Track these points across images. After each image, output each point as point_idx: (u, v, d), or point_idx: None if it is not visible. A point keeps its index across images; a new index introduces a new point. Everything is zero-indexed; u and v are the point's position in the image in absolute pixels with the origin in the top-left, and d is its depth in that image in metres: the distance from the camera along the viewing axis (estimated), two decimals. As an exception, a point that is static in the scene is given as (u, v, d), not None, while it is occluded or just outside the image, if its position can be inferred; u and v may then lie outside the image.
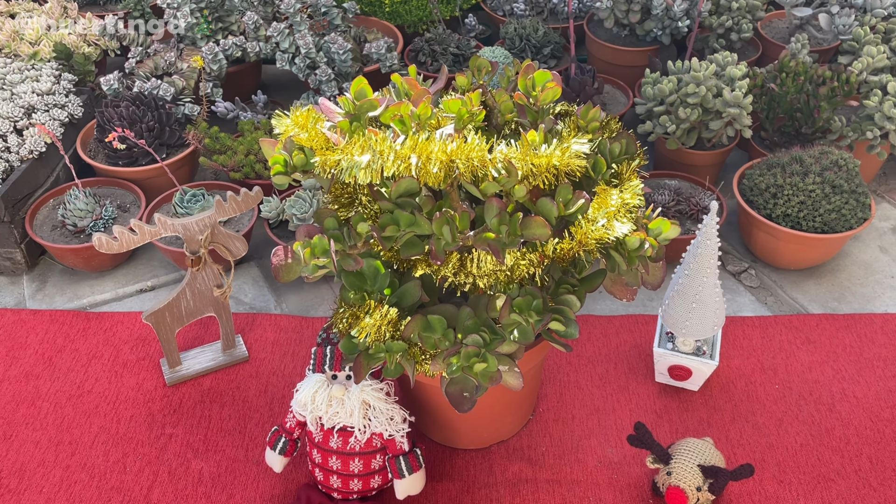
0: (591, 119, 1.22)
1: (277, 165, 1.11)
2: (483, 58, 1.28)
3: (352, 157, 1.05)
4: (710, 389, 1.69)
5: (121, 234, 1.46)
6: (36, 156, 1.94)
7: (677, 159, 2.09)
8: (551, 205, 1.09)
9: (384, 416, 1.37)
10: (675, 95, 1.98)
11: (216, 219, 1.54)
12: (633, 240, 1.10)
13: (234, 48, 2.22)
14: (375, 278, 1.15)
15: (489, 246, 1.06)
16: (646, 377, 1.72)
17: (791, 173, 1.84)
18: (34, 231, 1.89)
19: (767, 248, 1.92)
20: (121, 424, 1.62)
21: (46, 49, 2.25)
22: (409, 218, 1.05)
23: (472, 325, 1.11)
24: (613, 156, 1.21)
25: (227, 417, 1.64)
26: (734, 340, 1.80)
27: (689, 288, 1.53)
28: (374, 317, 1.12)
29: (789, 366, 1.74)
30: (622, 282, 1.20)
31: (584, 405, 1.66)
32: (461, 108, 1.14)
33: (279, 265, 1.11)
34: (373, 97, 1.14)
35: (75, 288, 1.93)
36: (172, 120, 2.05)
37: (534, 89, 1.19)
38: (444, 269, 1.10)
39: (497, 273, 1.11)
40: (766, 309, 1.89)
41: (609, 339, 1.81)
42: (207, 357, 1.74)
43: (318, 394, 1.36)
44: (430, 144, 1.04)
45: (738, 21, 2.29)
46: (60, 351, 1.77)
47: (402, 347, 1.12)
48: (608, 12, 2.30)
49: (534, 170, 1.08)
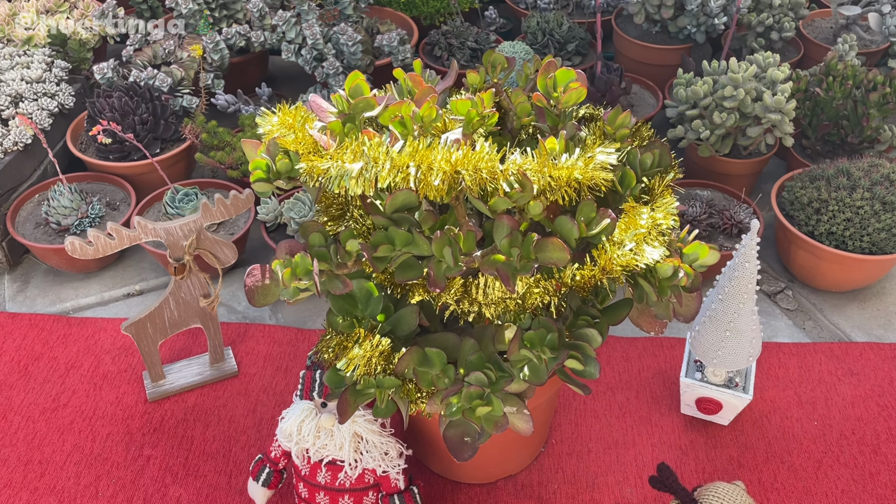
0: (620, 125, 1.07)
1: (258, 171, 0.96)
2: (499, 53, 1.12)
3: (342, 165, 0.91)
4: (741, 424, 1.53)
5: (96, 238, 1.33)
6: (21, 147, 1.82)
7: (710, 168, 1.93)
8: (571, 224, 0.94)
9: (378, 450, 1.22)
10: (710, 98, 1.81)
11: (202, 223, 1.40)
12: (666, 267, 0.95)
13: (238, 37, 2.09)
14: (368, 302, 1.01)
15: (497, 271, 0.91)
16: (670, 408, 1.56)
17: (837, 187, 1.67)
18: (16, 228, 1.77)
19: (807, 268, 1.76)
20: (96, 443, 1.49)
21: (41, 34, 2.12)
22: (406, 236, 0.91)
23: (477, 360, 0.96)
24: (644, 168, 1.06)
25: (210, 439, 1.50)
26: (769, 370, 1.64)
27: (723, 314, 1.37)
28: (363, 347, 0.97)
29: (830, 400, 1.58)
30: (651, 313, 1.04)
31: (601, 437, 1.51)
32: (471, 110, 0.99)
33: (254, 287, 0.97)
34: (370, 95, 0.99)
35: (58, 290, 1.81)
36: (168, 112, 1.92)
37: (555, 90, 1.04)
38: (445, 296, 0.95)
39: (506, 301, 0.96)
40: (804, 335, 1.72)
41: (631, 363, 1.66)
42: (193, 371, 1.60)
43: (305, 423, 1.22)
44: (431, 152, 0.90)
45: (780, 19, 2.12)
46: (38, 359, 1.65)
47: (394, 384, 0.97)
48: (639, 7, 2.14)
49: (552, 183, 0.93)
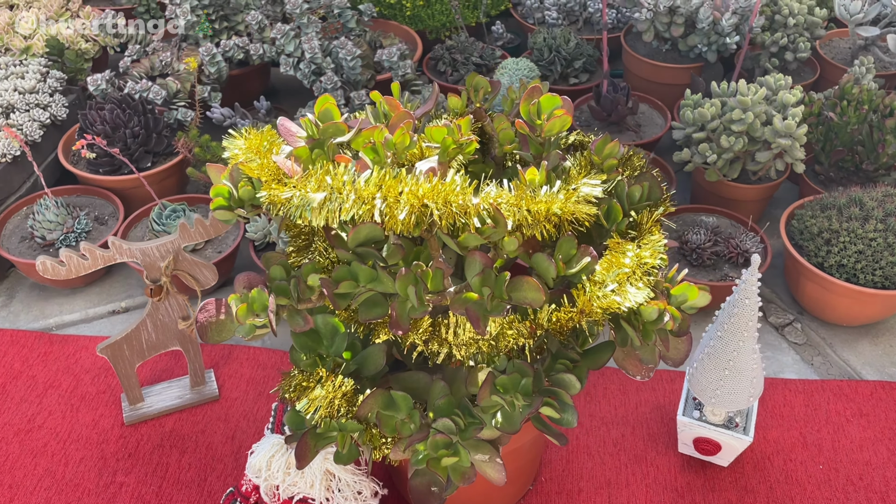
0: (608, 155, 1.00)
1: (220, 198, 0.91)
2: (483, 78, 1.07)
3: (305, 194, 0.85)
4: (741, 466, 1.45)
5: (69, 258, 1.29)
6: (9, 159, 1.78)
7: (717, 193, 1.86)
8: (549, 263, 0.88)
9: (350, 489, 1.17)
10: (718, 121, 1.74)
11: (180, 244, 1.35)
12: (651, 310, 0.88)
13: (236, 49, 2.05)
14: (333, 339, 0.95)
15: (467, 311, 0.85)
16: (667, 447, 1.49)
17: (849, 217, 1.59)
18: (1, 242, 1.73)
19: (817, 301, 1.68)
20: (69, 468, 1.45)
21: (39, 44, 2.10)
22: (370, 272, 0.85)
23: (445, 405, 0.90)
24: (632, 201, 0.99)
25: (186, 466, 1.45)
26: (773, 407, 1.56)
27: (722, 352, 1.30)
28: (325, 388, 0.91)
29: (837, 442, 1.49)
30: (636, 356, 0.98)
31: (593, 476, 1.44)
32: (446, 138, 0.93)
33: (207, 323, 0.91)
34: (340, 120, 0.94)
35: (43, 306, 1.77)
36: (161, 126, 1.88)
37: (539, 117, 0.98)
38: (412, 336, 0.89)
39: (478, 343, 0.90)
40: (812, 371, 1.64)
41: (628, 396, 1.58)
42: (173, 394, 1.55)
43: (276, 459, 1.17)
44: (398, 183, 0.84)
45: (795, 39, 2.04)
46: (16, 377, 1.61)
47: (357, 428, 0.91)
48: (648, 24, 2.07)
49: (529, 218, 0.87)
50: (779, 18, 2.03)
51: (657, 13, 2.04)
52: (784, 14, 2.03)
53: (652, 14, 2.05)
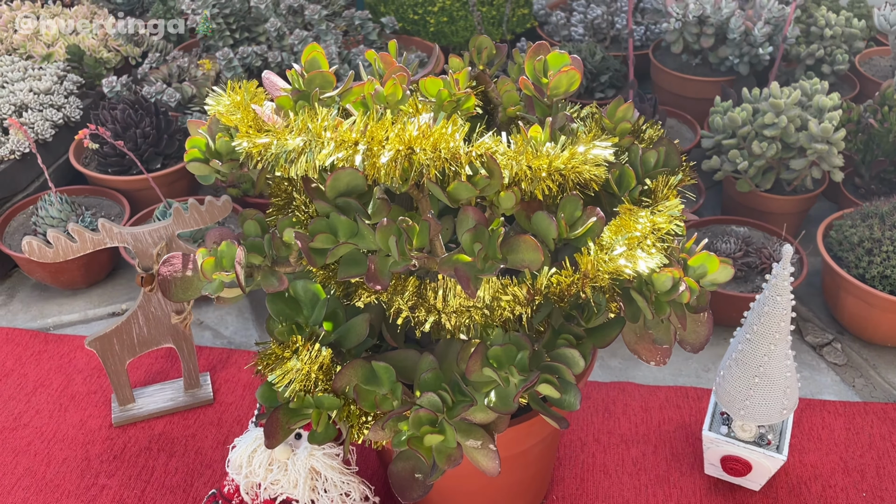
0: (621, 118, 0.92)
1: (195, 150, 0.85)
2: (485, 37, 1.00)
3: (283, 142, 0.78)
4: (774, 491, 1.32)
5: (56, 239, 1.23)
6: (18, 157, 1.75)
7: (749, 204, 1.75)
8: (549, 221, 0.79)
9: (337, 490, 1.06)
10: (749, 127, 1.65)
11: (174, 230, 1.29)
12: (664, 278, 0.78)
13: (254, 56, 2.02)
14: (313, 307, 0.87)
15: (455, 271, 0.76)
16: (692, 468, 1.36)
17: (892, 225, 1.48)
18: (4, 239, 1.69)
19: (858, 318, 1.55)
20: (50, 468, 1.36)
21: (61, 51, 2.10)
22: (350, 225, 0.77)
23: (432, 378, 0.80)
24: (647, 168, 0.90)
25: (172, 471, 1.36)
26: (810, 430, 1.42)
27: (752, 357, 1.18)
28: (301, 358, 0.83)
29: (882, 469, 1.35)
30: (649, 338, 0.87)
31: (609, 497, 1.32)
32: (442, 90, 0.86)
33: (171, 278, 0.83)
34: (328, 70, 0.87)
35: (42, 306, 1.72)
36: (173, 128, 1.84)
37: (545, 75, 0.90)
38: (397, 300, 0.80)
39: (470, 311, 0.80)
40: (853, 393, 1.51)
41: (651, 414, 1.46)
42: (166, 396, 1.48)
43: (257, 454, 1.07)
44: (383, 127, 0.76)
45: (832, 51, 1.95)
46: (7, 375, 1.54)
47: (335, 404, 0.82)
48: (677, 35, 2.00)
49: (530, 174, 0.79)
50: (815, 29, 1.95)
51: (686, 23, 1.97)
52: (820, 25, 1.94)
53: (681, 24, 1.97)
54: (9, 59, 2.02)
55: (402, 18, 2.37)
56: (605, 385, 1.52)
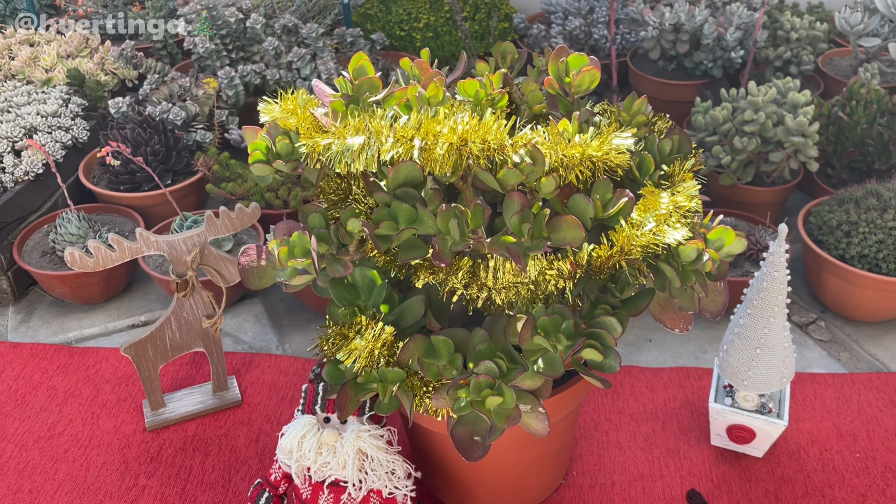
0: (636, 112, 1.02)
1: (257, 152, 0.92)
2: (508, 43, 1.10)
3: (344, 141, 0.86)
4: (776, 456, 1.42)
5: (97, 249, 1.29)
6: (31, 178, 1.80)
7: (732, 197, 1.87)
8: (586, 202, 0.88)
9: (383, 469, 1.14)
10: (729, 124, 1.77)
11: (206, 237, 1.36)
12: (689, 249, 0.88)
13: (253, 75, 2.10)
14: (370, 291, 0.95)
15: (508, 250, 0.85)
16: (699, 439, 1.46)
17: (867, 208, 1.60)
18: (22, 257, 1.74)
19: (840, 296, 1.67)
20: (90, 472, 1.41)
21: (60, 76, 2.15)
22: (410, 212, 0.85)
23: (486, 349, 0.89)
24: (663, 155, 1.01)
25: (210, 469, 1.42)
26: (804, 400, 1.54)
27: (753, 331, 1.29)
28: (365, 337, 0.91)
29: (871, 431, 1.47)
30: (674, 307, 0.97)
31: (626, 470, 1.41)
32: (479, 91, 0.95)
33: (249, 267, 0.91)
34: (374, 76, 0.96)
35: (62, 321, 1.76)
36: (181, 145, 1.91)
37: (567, 74, 1.00)
38: (452, 279, 0.89)
39: (518, 287, 0.89)
40: (840, 366, 1.62)
41: (656, 394, 1.56)
42: (195, 399, 1.53)
43: (307, 439, 1.14)
44: (437, 124, 0.85)
45: (798, 53, 2.09)
46: (36, 388, 1.59)
47: (398, 376, 0.90)
48: (654, 42, 2.13)
49: (565, 161, 0.88)
50: (782, 33, 2.09)
51: (663, 31, 2.10)
52: (786, 29, 2.08)
53: (658, 32, 2.10)
54: (11, 84, 2.07)
55: (390, 35, 2.47)
56: (611, 369, 1.61)
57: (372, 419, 1.17)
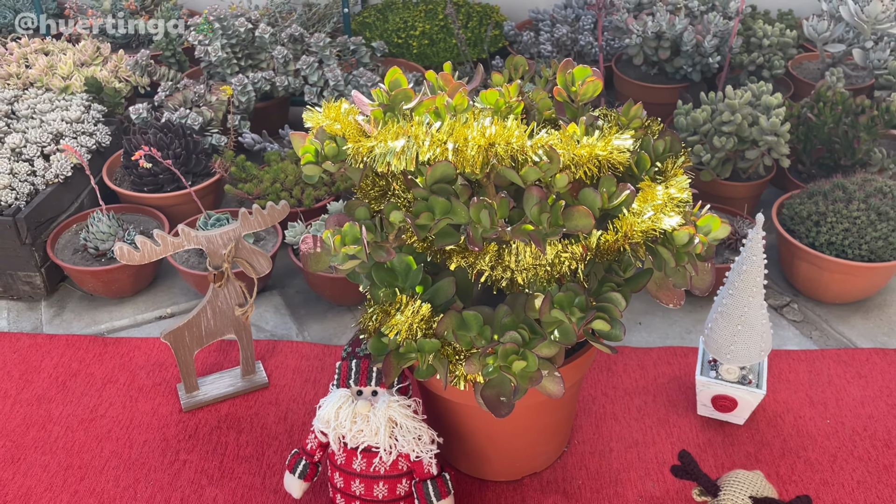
0: (633, 116, 1.17)
1: (308, 155, 1.06)
2: (520, 56, 1.24)
3: (386, 144, 1.01)
4: (756, 423, 1.59)
5: (143, 244, 1.42)
6: (61, 180, 1.92)
7: (712, 192, 2.04)
8: (595, 195, 1.03)
9: (411, 434, 1.28)
10: (709, 125, 1.94)
11: (241, 232, 1.49)
12: (682, 234, 1.04)
13: (263, 82, 2.23)
14: (407, 274, 1.09)
15: (529, 236, 1.00)
16: (687, 410, 1.62)
17: (834, 200, 1.77)
18: (55, 254, 1.86)
19: (811, 280, 1.84)
20: (133, 449, 1.54)
21: (77, 83, 2.26)
22: (445, 204, 1.00)
23: (510, 322, 1.04)
24: (657, 153, 1.16)
25: (244, 444, 1.55)
26: (779, 374, 1.70)
27: (734, 309, 1.45)
28: (405, 314, 1.05)
29: (840, 401, 1.63)
30: (668, 284, 1.12)
31: (621, 437, 1.56)
32: (499, 99, 1.10)
33: (308, 253, 1.05)
34: (408, 87, 1.10)
35: (93, 314, 1.88)
36: (199, 149, 2.03)
37: (573, 84, 1.15)
38: (480, 263, 1.04)
39: (536, 268, 1.04)
40: (811, 343, 1.79)
41: (647, 370, 1.72)
42: (226, 382, 1.67)
43: (343, 409, 1.28)
44: (467, 128, 1.00)
45: (770, 58, 2.26)
46: (75, 375, 1.71)
47: (435, 346, 1.04)
48: (637, 48, 2.29)
49: (575, 159, 1.03)
50: (754, 40, 2.26)
51: (646, 38, 2.26)
52: (759, 36, 2.25)
53: (641, 39, 2.26)
54: (32, 91, 2.18)
55: (388, 42, 2.61)
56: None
57: (399, 391, 1.31)
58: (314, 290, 1.90)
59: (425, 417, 1.32)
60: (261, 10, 2.48)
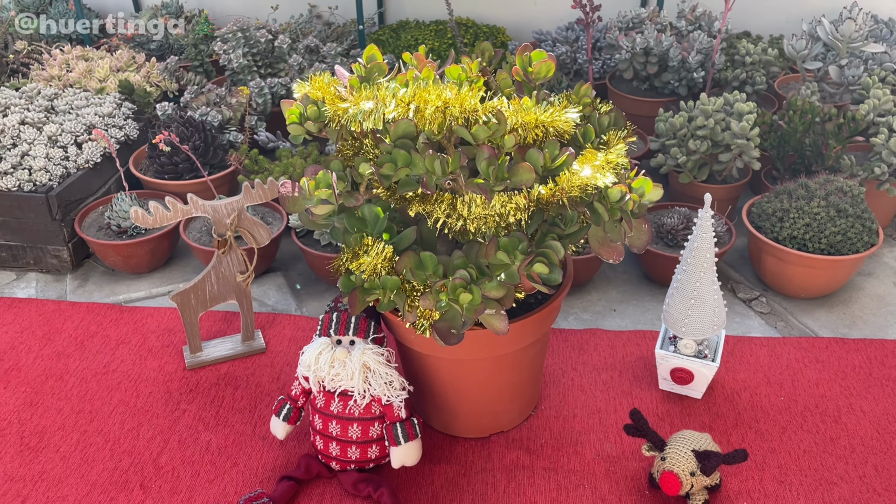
0: (583, 95, 1.33)
1: (292, 116, 1.23)
2: (486, 42, 1.41)
3: (358, 106, 1.17)
4: (713, 398, 1.70)
5: (156, 209, 1.60)
6: (91, 165, 2.12)
7: (690, 193, 2.17)
8: (538, 154, 1.18)
9: (383, 379, 1.42)
10: (686, 129, 2.08)
11: (243, 204, 1.66)
12: (615, 191, 1.18)
13: (279, 86, 2.42)
14: (375, 223, 1.25)
15: (479, 188, 1.15)
16: (650, 385, 1.74)
17: (797, 198, 1.90)
18: (81, 230, 2.05)
19: (776, 274, 1.96)
20: (139, 399, 1.70)
21: (112, 85, 2.49)
22: (406, 157, 1.16)
23: (461, 262, 1.19)
24: (602, 127, 1.31)
25: (239, 398, 1.70)
26: (741, 357, 1.81)
27: (688, 283, 1.58)
28: (371, 254, 1.20)
29: (796, 381, 1.74)
30: (607, 240, 1.26)
31: (586, 405, 1.69)
32: (461, 74, 1.26)
33: (287, 196, 1.21)
34: (382, 62, 1.27)
35: (113, 286, 2.07)
36: (217, 143, 2.23)
37: (530, 66, 1.31)
38: (437, 211, 1.19)
39: (486, 218, 1.19)
40: (776, 332, 1.90)
41: (616, 350, 1.84)
42: (227, 346, 1.82)
43: (323, 355, 1.43)
44: (427, 93, 1.16)
45: (752, 74, 2.41)
46: (92, 336, 1.88)
47: (395, 283, 1.19)
48: (627, 64, 2.45)
49: (523, 123, 1.19)
50: (738, 57, 2.41)
51: (635, 54, 2.42)
52: (742, 54, 2.40)
53: (630, 55, 2.43)
54: (71, 91, 2.40)
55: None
56: (579, 331, 1.90)
57: (374, 341, 1.45)
58: (315, 272, 2.06)
59: (397, 366, 1.46)
60: (282, 26, 2.70)
